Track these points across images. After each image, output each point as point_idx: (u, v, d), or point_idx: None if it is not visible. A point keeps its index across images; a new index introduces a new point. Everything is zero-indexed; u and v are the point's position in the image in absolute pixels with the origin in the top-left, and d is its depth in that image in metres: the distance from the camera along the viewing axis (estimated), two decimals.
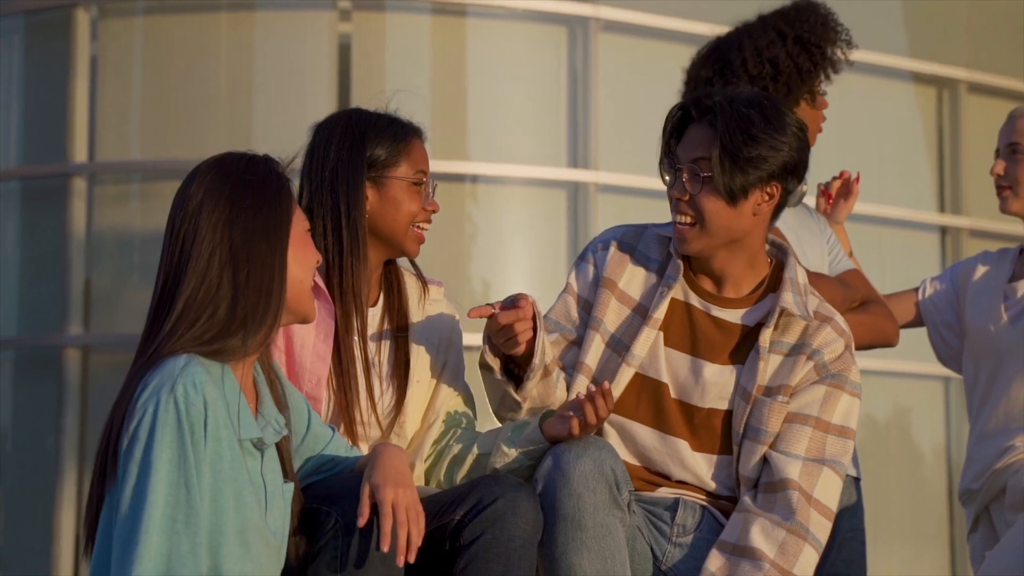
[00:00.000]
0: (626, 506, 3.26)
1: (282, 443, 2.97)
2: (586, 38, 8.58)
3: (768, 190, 3.38)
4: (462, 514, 3.12)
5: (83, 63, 8.51)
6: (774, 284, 3.46)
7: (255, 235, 2.86)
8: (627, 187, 8.48)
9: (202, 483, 2.74)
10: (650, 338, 3.42)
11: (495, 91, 8.52)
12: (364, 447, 3.43)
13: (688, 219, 3.38)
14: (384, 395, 3.47)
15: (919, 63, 9.42)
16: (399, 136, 3.50)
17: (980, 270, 4.48)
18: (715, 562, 3.31)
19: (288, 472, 2.98)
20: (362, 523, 2.93)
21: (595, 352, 3.45)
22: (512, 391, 3.38)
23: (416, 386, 3.51)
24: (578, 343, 3.48)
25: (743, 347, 3.42)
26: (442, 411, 3.54)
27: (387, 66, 8.54)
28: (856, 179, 4.49)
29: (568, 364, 3.47)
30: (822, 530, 3.35)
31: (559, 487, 3.18)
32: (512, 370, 3.41)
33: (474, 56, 8.57)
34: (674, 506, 3.41)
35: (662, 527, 3.40)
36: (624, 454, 3.41)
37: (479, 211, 8.55)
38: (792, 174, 3.39)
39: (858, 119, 8.94)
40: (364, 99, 3.58)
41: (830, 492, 3.37)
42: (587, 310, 3.49)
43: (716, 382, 3.40)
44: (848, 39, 4.12)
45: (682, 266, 3.45)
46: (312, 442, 3.15)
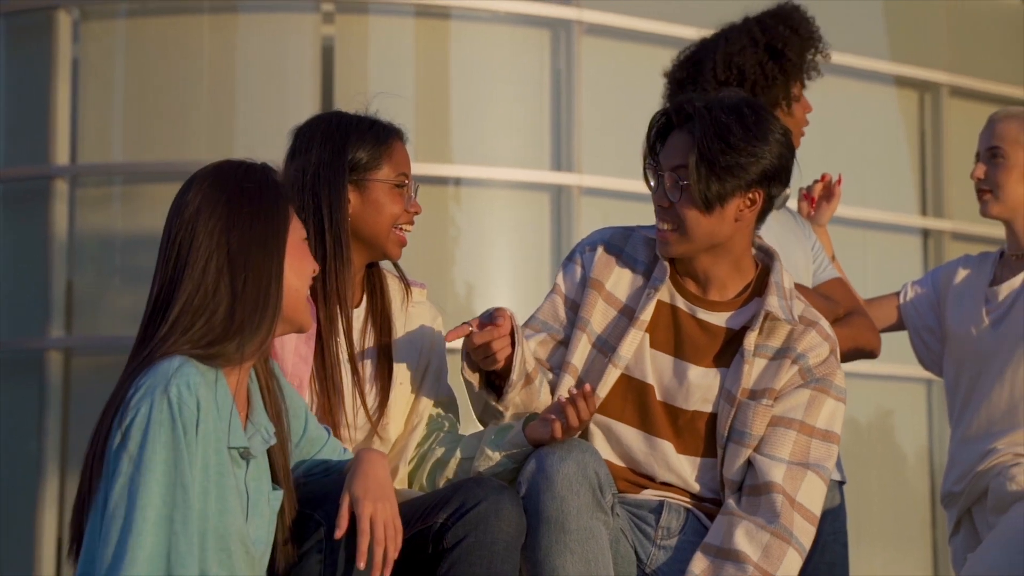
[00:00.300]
0: (609, 509, 3.26)
1: (274, 450, 2.96)
2: (569, 41, 8.58)
3: (750, 196, 3.38)
4: (445, 517, 3.11)
5: (65, 65, 8.49)
6: (760, 288, 3.46)
7: (252, 242, 2.85)
8: (610, 190, 8.48)
9: (195, 484, 2.74)
10: (636, 339, 3.42)
11: (478, 94, 8.52)
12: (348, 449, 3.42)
13: (669, 226, 3.39)
14: (367, 398, 3.47)
15: (901, 67, 9.44)
16: (380, 138, 3.49)
17: (961, 274, 4.48)
18: (699, 565, 3.31)
19: (280, 480, 2.96)
20: (339, 535, 2.92)
21: (581, 352, 3.45)
22: (493, 402, 3.38)
23: (399, 388, 3.49)
24: (566, 343, 3.48)
25: (728, 350, 3.42)
26: (425, 414, 3.53)
27: (370, 69, 8.53)
28: (838, 182, 4.49)
29: (555, 364, 3.47)
30: (805, 534, 3.35)
31: (542, 490, 3.17)
32: (493, 381, 3.40)
33: (457, 59, 8.56)
34: (658, 509, 3.41)
35: (646, 530, 3.40)
36: (609, 455, 3.41)
37: (462, 214, 8.54)
38: (775, 180, 3.39)
39: (840, 122, 8.96)
40: (347, 102, 3.57)
41: (814, 496, 3.37)
42: (574, 310, 3.49)
43: (700, 384, 3.41)
44: (822, 48, 4.11)
45: (668, 268, 3.45)
46: (307, 445, 3.14)
